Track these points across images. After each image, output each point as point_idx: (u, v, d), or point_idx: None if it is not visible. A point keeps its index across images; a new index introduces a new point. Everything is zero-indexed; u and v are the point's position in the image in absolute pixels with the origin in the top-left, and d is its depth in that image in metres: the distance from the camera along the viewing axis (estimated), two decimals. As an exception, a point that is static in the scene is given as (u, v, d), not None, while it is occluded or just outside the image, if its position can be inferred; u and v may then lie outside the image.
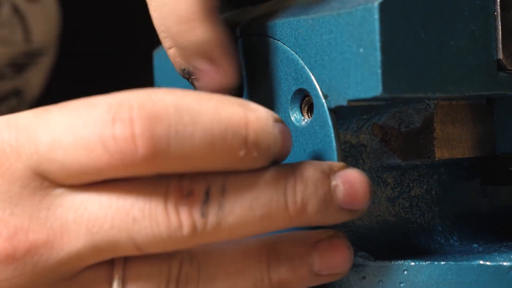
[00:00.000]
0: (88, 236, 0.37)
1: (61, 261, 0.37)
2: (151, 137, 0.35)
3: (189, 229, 0.36)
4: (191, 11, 0.40)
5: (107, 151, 0.36)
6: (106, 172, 0.36)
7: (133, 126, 0.35)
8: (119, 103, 0.36)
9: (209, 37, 0.40)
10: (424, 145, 0.42)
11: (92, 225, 0.37)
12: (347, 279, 0.40)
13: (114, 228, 0.36)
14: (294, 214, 0.36)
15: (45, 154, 0.37)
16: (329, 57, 0.39)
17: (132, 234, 0.36)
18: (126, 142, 0.35)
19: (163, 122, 0.36)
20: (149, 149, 0.35)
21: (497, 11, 0.40)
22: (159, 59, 0.50)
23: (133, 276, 0.38)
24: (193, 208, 0.36)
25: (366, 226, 0.42)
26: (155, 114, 0.36)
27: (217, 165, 0.37)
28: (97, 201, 0.37)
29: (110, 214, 0.36)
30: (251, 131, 0.36)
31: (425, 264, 0.39)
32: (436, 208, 0.44)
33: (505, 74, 0.40)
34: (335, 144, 0.39)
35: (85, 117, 0.36)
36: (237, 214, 0.36)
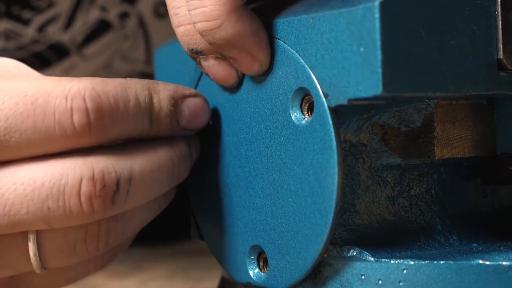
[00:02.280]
0: (5, 217, 0.40)
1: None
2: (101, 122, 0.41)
3: (101, 213, 0.41)
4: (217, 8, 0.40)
5: (60, 126, 0.40)
6: (46, 143, 0.40)
7: (89, 116, 0.40)
8: (74, 95, 0.40)
9: (239, 31, 0.40)
10: (424, 145, 0.42)
11: (9, 209, 0.40)
12: (346, 278, 0.40)
13: (29, 213, 0.40)
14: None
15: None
16: (329, 56, 0.39)
17: (47, 219, 0.40)
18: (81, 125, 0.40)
19: (108, 111, 0.41)
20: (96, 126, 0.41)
21: (497, 10, 0.40)
22: (159, 57, 0.50)
23: (49, 233, 0.42)
24: (106, 198, 0.40)
25: (365, 225, 0.42)
26: (102, 105, 0.40)
27: (134, 134, 0.42)
28: (13, 189, 0.40)
29: (25, 202, 0.40)
30: (154, 113, 0.42)
31: (425, 263, 0.39)
32: (436, 207, 0.44)
33: (505, 74, 0.40)
34: (335, 143, 0.39)
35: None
36: (141, 195, 0.42)
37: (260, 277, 0.43)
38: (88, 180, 0.40)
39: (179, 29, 0.42)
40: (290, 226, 0.41)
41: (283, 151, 0.41)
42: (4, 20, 0.65)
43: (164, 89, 0.43)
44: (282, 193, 0.41)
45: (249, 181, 0.43)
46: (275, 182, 0.42)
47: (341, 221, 0.41)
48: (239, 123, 0.43)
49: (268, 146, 0.42)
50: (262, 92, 0.42)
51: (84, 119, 0.40)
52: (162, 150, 0.43)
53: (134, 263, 0.72)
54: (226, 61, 0.42)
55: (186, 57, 0.45)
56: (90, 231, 0.42)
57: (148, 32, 0.71)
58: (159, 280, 0.66)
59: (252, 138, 0.43)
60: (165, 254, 0.76)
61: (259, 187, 0.42)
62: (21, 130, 0.40)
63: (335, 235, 0.41)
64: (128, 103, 0.41)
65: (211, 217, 0.46)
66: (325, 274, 0.41)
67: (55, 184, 0.40)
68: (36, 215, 0.40)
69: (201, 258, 0.70)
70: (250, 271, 0.43)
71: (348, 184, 0.41)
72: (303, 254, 0.40)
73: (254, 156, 0.43)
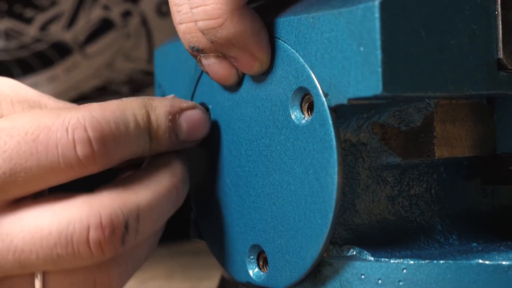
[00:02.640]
0: (16, 263, 0.40)
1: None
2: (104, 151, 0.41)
3: (111, 255, 0.41)
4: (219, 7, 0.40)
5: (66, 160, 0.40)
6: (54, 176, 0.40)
7: (92, 146, 0.40)
8: (74, 126, 0.40)
9: (240, 31, 0.40)
10: (424, 144, 0.42)
11: (19, 255, 0.40)
12: (346, 278, 0.40)
13: (39, 259, 0.40)
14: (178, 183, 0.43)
15: (4, 173, 0.40)
16: (329, 55, 0.39)
17: (57, 263, 0.40)
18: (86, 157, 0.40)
19: (110, 137, 0.41)
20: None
21: (497, 10, 0.40)
22: (160, 56, 0.50)
23: (55, 279, 0.41)
24: (116, 241, 0.40)
25: (365, 224, 0.42)
26: (104, 133, 0.40)
27: (136, 153, 0.42)
28: (21, 236, 0.40)
29: (34, 249, 0.40)
30: (152, 131, 0.42)
31: (424, 263, 0.39)
32: (435, 207, 0.44)
33: (505, 73, 0.40)
34: (335, 143, 0.39)
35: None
36: (149, 228, 0.42)
37: (260, 277, 0.43)
38: (96, 228, 0.40)
39: (180, 26, 0.42)
40: (290, 226, 0.41)
41: (283, 150, 0.41)
42: (6, 19, 0.65)
43: (160, 105, 0.43)
44: (282, 192, 0.41)
45: (249, 181, 0.43)
46: (275, 182, 0.41)
47: (341, 221, 0.41)
48: (239, 123, 0.43)
49: (268, 145, 0.42)
50: (262, 92, 0.42)
51: (88, 149, 0.40)
52: (164, 179, 0.42)
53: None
54: (227, 60, 0.42)
55: (186, 56, 0.45)
56: (99, 280, 0.41)
57: (150, 31, 0.71)
58: (159, 279, 0.66)
59: (252, 138, 0.43)
60: (165, 253, 0.76)
61: (259, 187, 0.42)
62: (26, 168, 0.40)
63: (335, 235, 0.41)
64: (128, 125, 0.41)
65: (211, 217, 0.46)
66: (325, 273, 0.41)
67: (62, 233, 0.40)
68: (46, 260, 0.40)
69: (201, 258, 0.70)
70: (250, 270, 0.43)
71: (348, 184, 0.41)
72: (303, 254, 0.40)
73: (254, 156, 0.43)
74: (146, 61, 0.72)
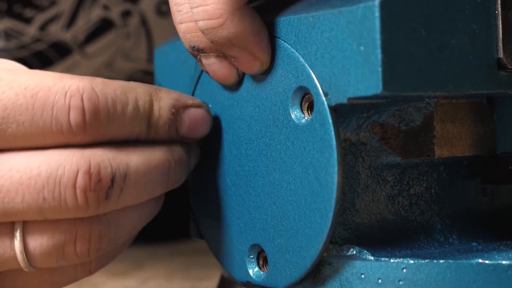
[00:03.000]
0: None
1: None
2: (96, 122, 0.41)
3: (94, 209, 0.41)
4: (220, 7, 0.40)
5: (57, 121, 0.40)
6: (42, 138, 0.41)
7: (84, 115, 0.41)
8: (73, 93, 0.41)
9: (241, 31, 0.40)
10: (424, 144, 0.42)
11: (3, 196, 0.40)
12: (346, 277, 0.40)
13: (24, 202, 0.40)
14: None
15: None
16: (329, 54, 0.39)
17: (41, 209, 0.40)
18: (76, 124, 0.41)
19: (104, 112, 0.41)
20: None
21: (497, 10, 0.40)
22: (159, 56, 0.50)
23: (36, 239, 0.41)
24: (100, 193, 0.40)
25: (365, 224, 0.42)
26: (99, 106, 0.41)
27: (130, 136, 0.42)
28: (8, 176, 0.40)
29: (21, 190, 0.40)
30: (152, 119, 0.43)
31: (424, 263, 0.39)
32: (435, 206, 0.44)
33: (505, 73, 0.40)
34: (335, 142, 0.39)
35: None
36: (134, 193, 0.42)
37: (259, 276, 0.43)
38: (84, 173, 0.40)
39: (181, 26, 0.42)
40: (290, 225, 0.41)
41: (283, 150, 0.41)
42: (5, 19, 0.65)
43: (166, 96, 0.43)
44: (282, 192, 0.41)
45: (249, 180, 0.43)
46: (275, 181, 0.42)
47: (341, 220, 0.41)
48: (239, 122, 0.43)
49: (268, 145, 0.42)
50: (262, 91, 0.42)
51: (80, 118, 0.40)
52: (159, 151, 0.43)
53: (134, 262, 0.72)
54: (227, 60, 0.42)
55: (186, 55, 0.45)
56: (80, 234, 0.41)
57: (150, 30, 0.71)
58: (159, 279, 0.66)
59: (252, 137, 0.43)
60: (165, 253, 0.76)
61: (259, 186, 0.42)
62: (19, 121, 0.40)
63: (335, 234, 0.41)
64: (126, 107, 0.41)
65: (211, 216, 0.46)
66: (324, 273, 0.41)
67: (52, 175, 0.40)
68: (31, 205, 0.40)
69: (201, 257, 0.70)
70: (250, 270, 0.43)
71: (348, 183, 0.41)
72: (303, 253, 0.40)
73: (254, 155, 0.43)
74: (146, 61, 0.72)
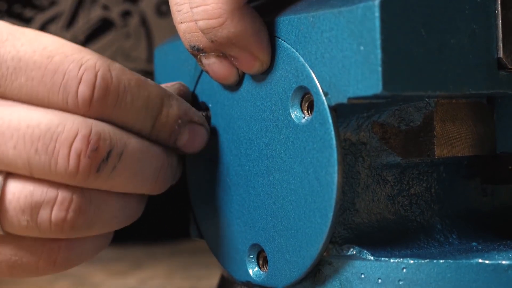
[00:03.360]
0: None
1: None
2: (104, 100, 0.41)
3: (82, 177, 0.40)
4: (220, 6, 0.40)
5: (64, 90, 0.40)
6: (46, 101, 0.40)
7: (93, 91, 0.40)
8: (88, 67, 0.40)
9: (241, 30, 0.40)
10: (424, 143, 0.42)
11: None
12: (346, 277, 0.40)
13: (15, 150, 0.40)
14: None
15: (7, 69, 0.40)
16: (329, 54, 0.39)
17: (30, 162, 0.40)
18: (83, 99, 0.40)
19: (113, 95, 0.41)
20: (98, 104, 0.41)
21: (497, 10, 0.40)
22: (159, 55, 0.50)
23: (14, 193, 0.41)
24: (93, 162, 0.40)
25: (365, 223, 0.42)
26: (110, 88, 0.41)
27: (132, 129, 0.42)
28: (7, 120, 0.40)
29: (15, 137, 0.40)
30: (158, 123, 0.42)
31: (424, 262, 0.39)
32: (435, 206, 0.44)
33: (505, 73, 0.40)
34: (335, 142, 0.39)
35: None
36: (124, 176, 0.41)
37: (259, 276, 0.43)
38: (83, 137, 0.40)
39: (181, 26, 0.42)
40: (290, 225, 0.41)
41: (283, 149, 0.41)
42: (5, 19, 0.65)
43: (177, 106, 0.43)
44: (281, 191, 0.41)
45: (249, 180, 0.43)
46: (274, 181, 0.42)
47: (341, 220, 0.41)
48: (239, 122, 0.43)
49: (268, 144, 0.42)
50: (262, 91, 0.42)
51: (88, 92, 0.40)
52: (157, 148, 0.43)
53: (134, 262, 0.72)
54: (227, 60, 0.42)
55: (186, 55, 0.45)
56: (60, 199, 0.40)
57: (150, 30, 0.71)
58: (159, 279, 0.66)
59: (252, 137, 0.43)
60: (165, 253, 0.76)
61: (259, 186, 0.42)
62: (28, 76, 0.40)
63: (335, 234, 0.41)
64: (135, 100, 0.41)
65: (211, 216, 0.46)
66: (324, 272, 0.41)
67: (51, 129, 0.40)
68: (21, 154, 0.40)
69: (201, 257, 0.70)
70: (250, 269, 0.43)
71: (348, 183, 0.41)
72: (303, 253, 0.40)
73: (254, 155, 0.43)
74: (146, 61, 0.72)
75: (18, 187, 0.41)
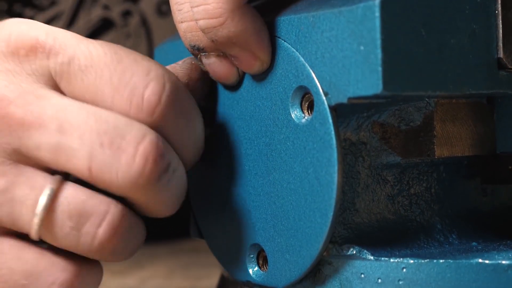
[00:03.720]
0: (54, 137, 0.39)
1: (21, 146, 0.39)
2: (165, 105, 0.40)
3: (144, 181, 0.39)
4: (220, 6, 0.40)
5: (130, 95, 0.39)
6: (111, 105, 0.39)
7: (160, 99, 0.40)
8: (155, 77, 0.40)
9: (241, 30, 0.40)
10: (424, 143, 0.42)
11: (62, 126, 0.39)
12: (346, 277, 0.40)
13: (80, 139, 0.38)
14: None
15: (70, 66, 0.40)
16: (329, 54, 0.39)
17: (93, 154, 0.38)
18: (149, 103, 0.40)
19: (176, 110, 0.40)
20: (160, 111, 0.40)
21: (498, 10, 0.40)
22: (160, 55, 0.50)
23: (67, 198, 0.39)
24: (158, 168, 0.39)
25: (365, 223, 0.42)
26: (174, 102, 0.40)
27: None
28: (76, 113, 0.39)
29: (83, 127, 0.39)
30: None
31: (424, 262, 0.39)
32: (435, 206, 0.44)
33: (505, 73, 0.40)
34: (335, 142, 0.39)
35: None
36: (168, 196, 0.40)
37: (259, 276, 0.43)
38: (152, 140, 0.39)
39: (181, 25, 0.42)
40: (290, 225, 0.41)
41: (283, 149, 0.41)
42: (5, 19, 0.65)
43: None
44: (281, 191, 0.41)
45: (249, 179, 0.43)
46: (274, 181, 0.42)
47: (341, 220, 0.41)
48: (239, 121, 0.43)
49: (268, 144, 0.42)
50: (262, 90, 0.42)
51: (154, 99, 0.39)
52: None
53: (134, 261, 0.72)
54: (227, 59, 0.42)
55: (186, 54, 0.45)
56: (110, 219, 0.39)
57: (150, 30, 0.71)
58: (159, 278, 0.66)
59: (252, 136, 0.43)
60: (165, 252, 0.76)
61: (259, 186, 0.42)
62: (97, 75, 0.40)
63: (335, 234, 0.41)
64: (185, 127, 0.41)
65: (211, 215, 0.46)
66: (324, 272, 0.41)
67: (118, 127, 0.39)
68: (85, 146, 0.38)
69: (201, 256, 0.70)
70: (250, 269, 0.43)
71: (348, 183, 0.41)
72: (303, 253, 0.40)
73: (254, 154, 0.43)
74: None
75: (72, 191, 0.39)
